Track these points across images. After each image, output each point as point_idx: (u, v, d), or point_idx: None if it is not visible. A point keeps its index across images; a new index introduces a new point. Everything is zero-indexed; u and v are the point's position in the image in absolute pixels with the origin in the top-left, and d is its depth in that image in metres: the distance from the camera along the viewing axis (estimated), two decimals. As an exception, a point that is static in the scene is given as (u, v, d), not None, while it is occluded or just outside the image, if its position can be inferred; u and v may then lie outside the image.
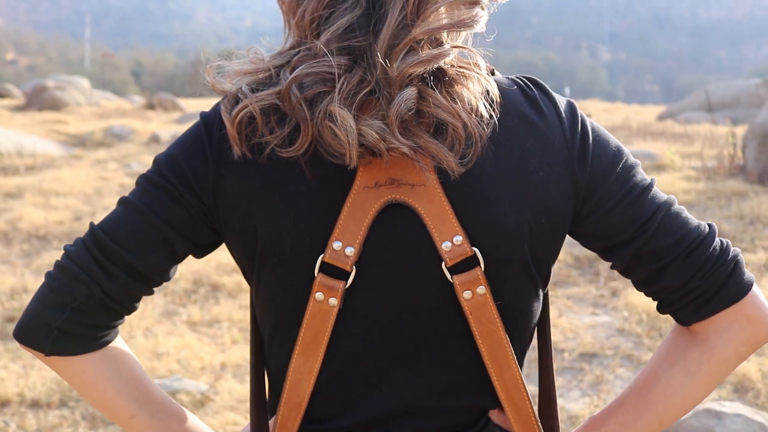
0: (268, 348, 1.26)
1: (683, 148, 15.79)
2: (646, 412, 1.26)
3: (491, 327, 1.15)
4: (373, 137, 1.07)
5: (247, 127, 1.13)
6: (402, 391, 1.18)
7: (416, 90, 1.08)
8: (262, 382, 1.31)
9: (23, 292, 6.67)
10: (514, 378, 1.18)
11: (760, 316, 1.19)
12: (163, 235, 1.18)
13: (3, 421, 4.37)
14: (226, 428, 4.06)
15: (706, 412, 3.78)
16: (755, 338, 1.20)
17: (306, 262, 1.14)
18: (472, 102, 1.10)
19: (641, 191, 1.20)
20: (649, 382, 1.27)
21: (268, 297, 1.20)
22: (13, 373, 4.94)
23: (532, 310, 1.24)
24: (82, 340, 1.19)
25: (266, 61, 1.16)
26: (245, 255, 1.20)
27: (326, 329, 1.15)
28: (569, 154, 1.17)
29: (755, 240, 8.02)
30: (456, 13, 1.12)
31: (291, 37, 1.19)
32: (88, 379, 1.22)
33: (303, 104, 1.08)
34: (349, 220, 1.12)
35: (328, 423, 1.21)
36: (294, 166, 1.12)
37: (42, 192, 11.31)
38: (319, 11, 1.12)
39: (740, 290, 1.18)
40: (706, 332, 1.21)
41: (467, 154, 1.11)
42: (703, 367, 1.21)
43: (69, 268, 1.18)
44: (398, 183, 1.13)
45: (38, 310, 1.19)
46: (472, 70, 1.12)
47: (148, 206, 1.18)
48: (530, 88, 1.21)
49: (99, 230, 1.19)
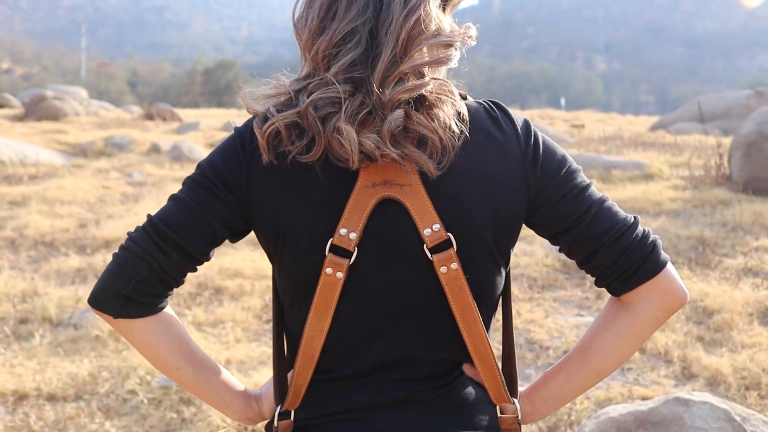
0: (287, 314, 1.57)
1: (672, 158, 16.09)
2: (587, 365, 1.58)
3: (462, 295, 1.47)
4: (370, 146, 1.38)
5: (274, 139, 1.44)
6: (394, 345, 1.50)
7: (403, 111, 1.39)
8: (282, 342, 1.62)
9: (34, 296, 6.96)
10: (480, 336, 1.49)
11: (673, 288, 1.51)
12: (207, 224, 1.49)
13: (23, 413, 4.66)
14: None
15: (676, 400, 4.09)
16: (669, 305, 1.53)
17: (319, 244, 1.45)
18: (447, 121, 1.42)
19: (580, 190, 1.52)
20: (589, 342, 1.59)
21: (289, 272, 1.51)
22: (30, 370, 5.24)
23: (495, 283, 1.55)
24: (143, 307, 1.50)
25: (287, 86, 1.48)
26: (271, 240, 1.51)
27: (334, 297, 1.46)
28: (523, 161, 1.49)
29: (735, 246, 8.34)
30: (435, 53, 1.45)
31: (306, 67, 1.50)
32: (146, 338, 1.53)
33: (317, 121, 1.39)
34: (352, 211, 1.43)
35: (335, 371, 1.52)
36: (310, 169, 1.44)
37: (46, 200, 11.56)
38: (329, 49, 1.44)
39: (656, 267, 1.50)
40: (631, 301, 1.54)
41: (443, 161, 1.42)
42: (629, 329, 1.54)
43: (133, 249, 1.48)
44: (390, 183, 1.44)
45: (109, 282, 1.49)
46: (446, 96, 1.44)
47: (195, 201, 1.49)
48: (493, 110, 1.54)
49: (157, 220, 1.50)
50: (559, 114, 42.13)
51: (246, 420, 1.69)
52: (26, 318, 6.36)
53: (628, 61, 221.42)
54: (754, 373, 5.11)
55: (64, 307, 6.58)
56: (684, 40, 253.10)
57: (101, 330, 5.87)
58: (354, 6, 1.43)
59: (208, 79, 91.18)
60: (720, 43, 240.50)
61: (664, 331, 5.89)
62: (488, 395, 1.57)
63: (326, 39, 1.44)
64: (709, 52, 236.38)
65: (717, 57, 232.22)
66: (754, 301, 6.49)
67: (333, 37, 1.43)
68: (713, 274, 7.40)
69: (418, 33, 1.41)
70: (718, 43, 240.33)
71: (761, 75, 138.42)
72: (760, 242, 8.45)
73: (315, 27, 1.46)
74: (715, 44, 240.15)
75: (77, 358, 5.47)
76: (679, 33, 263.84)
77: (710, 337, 5.82)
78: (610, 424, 4.13)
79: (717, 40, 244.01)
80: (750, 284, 7.03)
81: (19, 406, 4.75)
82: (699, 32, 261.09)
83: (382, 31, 1.42)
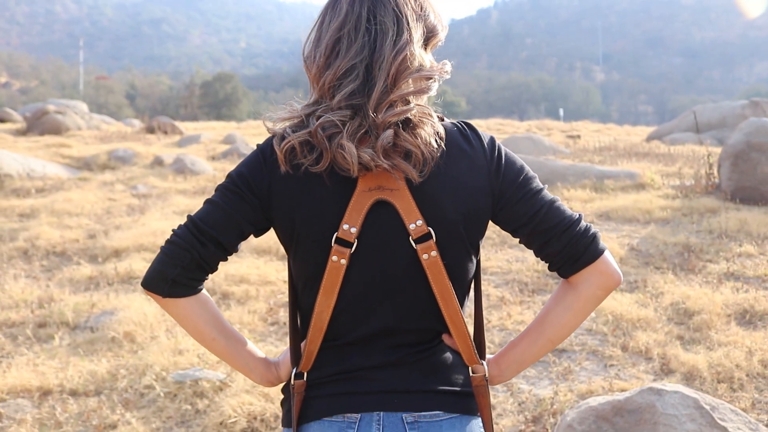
0: (300, 294, 1.92)
1: (665, 168, 16.42)
2: (542, 335, 1.94)
3: (440, 277, 1.82)
4: (366, 159, 1.74)
5: (290, 154, 1.80)
6: (386, 317, 1.85)
7: (393, 131, 1.75)
8: (296, 317, 1.97)
9: (51, 302, 7.34)
10: (455, 310, 1.85)
11: (609, 271, 1.87)
12: (236, 222, 1.85)
13: (49, 406, 5.04)
14: (242, 408, 4.73)
15: (650, 390, 4.44)
16: (607, 285, 1.88)
17: (326, 237, 1.81)
18: (427, 138, 1.78)
19: (534, 194, 1.88)
20: (543, 316, 1.95)
21: (302, 260, 1.87)
22: (52, 368, 5.61)
23: (467, 268, 1.91)
24: (186, 288, 1.86)
25: (299, 111, 1.85)
26: (287, 234, 1.86)
27: (339, 279, 1.82)
28: (489, 170, 1.85)
29: (719, 252, 8.70)
30: (418, 84, 1.82)
31: (315, 95, 1.87)
32: (188, 314, 1.89)
33: (325, 140, 1.75)
34: (353, 210, 1.79)
35: (340, 339, 1.87)
36: (319, 177, 1.79)
37: (55, 212, 11.95)
38: (333, 82, 1.80)
39: (596, 254, 1.86)
40: (576, 282, 1.89)
41: (424, 170, 1.78)
42: (576, 304, 1.90)
43: (178, 243, 1.84)
44: (383, 188, 1.80)
45: (159, 269, 1.85)
46: (427, 118, 1.80)
47: (227, 204, 1.85)
48: (465, 129, 1.90)
49: (197, 219, 1.85)
50: (557, 125, 42.48)
51: (267, 383, 2.04)
52: (44, 322, 6.74)
53: (626, 71, 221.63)
54: (727, 368, 5.46)
55: (80, 311, 6.97)
56: (682, 50, 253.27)
57: (117, 332, 6.25)
58: (353, 47, 1.80)
59: (207, 91, 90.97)
60: (719, 53, 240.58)
61: (645, 331, 6.25)
62: (462, 359, 1.92)
63: (331, 73, 1.81)
64: (708, 62, 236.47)
65: (715, 67, 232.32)
66: (733, 303, 6.84)
67: (336, 72, 1.80)
68: (696, 279, 7.76)
69: (404, 68, 1.78)
70: (717, 53, 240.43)
71: (759, 85, 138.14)
72: (743, 248, 8.80)
73: (322, 63, 1.83)
74: (714, 54, 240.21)
75: (95, 357, 5.85)
76: (677, 43, 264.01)
77: (689, 336, 6.18)
78: (590, 413, 4.49)
79: (715, 50, 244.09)
80: (731, 287, 7.38)
81: (44, 400, 5.12)
82: (698, 42, 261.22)
83: (375, 67, 1.78)
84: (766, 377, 5.37)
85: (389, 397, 1.83)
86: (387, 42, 1.79)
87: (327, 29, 1.84)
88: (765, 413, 4.88)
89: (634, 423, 4.37)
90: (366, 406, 1.82)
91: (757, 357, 5.61)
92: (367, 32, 1.80)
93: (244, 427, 4.62)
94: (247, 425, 4.64)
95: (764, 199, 11.80)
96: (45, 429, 4.70)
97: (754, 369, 5.46)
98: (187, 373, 5.24)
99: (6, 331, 6.56)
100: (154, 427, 4.72)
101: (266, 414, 4.72)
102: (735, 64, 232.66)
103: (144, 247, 9.49)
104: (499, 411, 4.94)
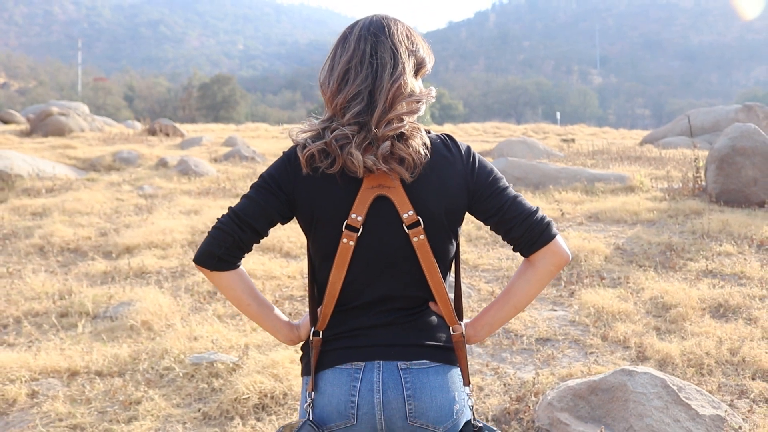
0: (317, 269, 2.41)
1: (655, 171, 16.85)
2: (508, 303, 2.42)
3: (427, 255, 2.31)
4: (370, 164, 2.24)
5: (310, 159, 2.29)
6: (384, 287, 2.34)
7: (390, 142, 2.24)
8: (314, 288, 2.46)
9: (70, 294, 7.85)
10: (439, 282, 2.33)
11: (560, 251, 2.35)
12: (268, 212, 2.34)
13: (78, 384, 5.54)
14: (254, 386, 5.24)
15: (622, 371, 4.94)
16: (558, 262, 2.36)
17: (338, 223, 2.30)
18: (417, 148, 2.27)
19: (501, 191, 2.36)
20: (509, 287, 2.43)
21: (319, 242, 2.35)
22: (78, 352, 6.10)
23: (448, 249, 2.39)
24: (228, 264, 2.34)
25: (316, 125, 2.34)
26: (307, 222, 2.34)
27: (348, 257, 2.31)
28: (465, 172, 2.34)
29: (700, 251, 9.18)
30: (410, 106, 2.31)
31: (329, 112, 2.36)
32: (229, 284, 2.37)
33: (338, 148, 2.24)
34: (359, 203, 2.28)
35: (348, 305, 2.36)
36: (333, 177, 2.28)
37: (66, 211, 12.43)
38: (344, 104, 2.29)
39: (549, 238, 2.34)
40: (534, 260, 2.38)
41: (414, 172, 2.28)
42: (533, 277, 2.38)
43: (223, 228, 2.33)
44: (382, 186, 2.29)
45: (208, 249, 2.33)
46: (417, 132, 2.29)
47: (260, 198, 2.33)
48: (446, 140, 2.38)
49: (238, 210, 2.34)
50: (553, 128, 42.92)
51: (290, 341, 2.53)
52: (66, 312, 7.26)
53: (624, 74, 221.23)
54: (698, 356, 5.93)
55: (99, 302, 7.48)
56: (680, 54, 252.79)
57: (135, 320, 6.77)
58: (359, 76, 2.29)
59: (205, 93, 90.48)
60: (716, 56, 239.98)
61: (625, 322, 6.75)
62: (445, 321, 2.41)
63: (342, 97, 2.30)
64: (706, 65, 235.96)
65: (713, 70, 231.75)
66: (708, 298, 7.33)
67: (346, 96, 2.29)
68: (676, 276, 8.24)
69: (399, 94, 2.28)
70: (715, 57, 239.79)
71: (757, 88, 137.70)
72: (723, 248, 9.27)
73: (334, 89, 2.32)
74: (712, 57, 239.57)
75: (116, 343, 6.36)
76: (675, 46, 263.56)
77: (665, 328, 6.66)
78: (568, 392, 4.99)
79: (713, 54, 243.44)
80: (708, 284, 7.87)
81: (72, 380, 5.63)
82: (695, 45, 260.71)
83: (377, 92, 2.27)
84: (733, 364, 5.82)
85: (387, 349, 2.32)
86: (386, 73, 2.28)
87: (338, 61, 2.33)
88: (729, 395, 5.34)
89: (608, 400, 4.86)
90: (369, 356, 2.32)
91: (726, 345, 6.08)
92: (370, 65, 2.29)
93: (256, 402, 5.13)
94: (259, 401, 5.15)
95: (747, 201, 12.26)
96: (76, 404, 5.20)
97: (723, 356, 5.92)
98: (203, 356, 5.75)
99: (31, 320, 7.07)
100: (175, 402, 5.22)
101: (276, 392, 5.22)
102: (733, 68, 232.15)
103: (154, 244, 9.99)
104: (487, 392, 5.42)
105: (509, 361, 6.06)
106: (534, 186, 14.89)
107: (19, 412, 5.18)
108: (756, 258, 8.89)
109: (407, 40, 2.35)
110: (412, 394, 2.30)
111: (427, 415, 2.31)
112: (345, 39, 2.36)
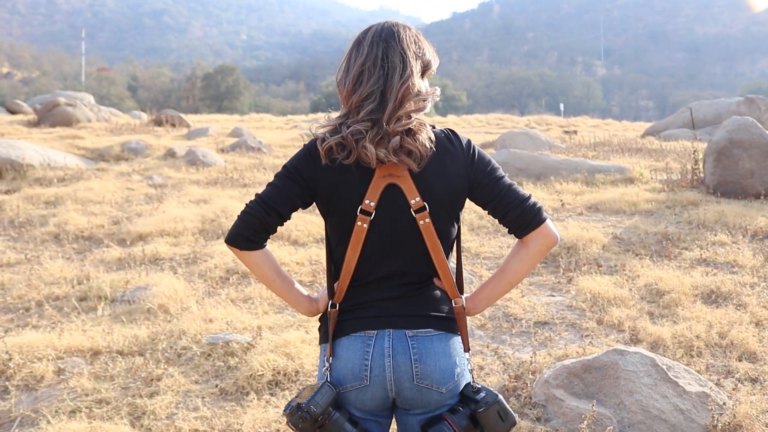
0: (334, 248, 2.69)
1: (655, 163, 17.12)
2: (504, 279, 2.71)
3: (432, 236, 2.60)
4: (382, 156, 2.52)
5: (329, 151, 2.57)
6: (394, 264, 2.63)
7: (400, 137, 2.53)
8: (331, 265, 2.74)
9: (88, 279, 8.17)
10: (442, 259, 2.62)
11: (549, 234, 2.64)
12: (291, 198, 2.62)
13: (101, 362, 5.86)
14: (268, 364, 5.55)
15: (614, 351, 5.24)
16: (548, 243, 2.65)
17: (353, 208, 2.57)
18: (423, 141, 2.55)
19: (498, 179, 2.64)
20: (504, 265, 2.72)
21: (336, 225, 2.64)
22: (99, 333, 6.41)
23: (451, 231, 2.68)
24: (256, 244, 2.63)
25: (333, 121, 2.63)
26: (326, 207, 2.63)
27: (362, 238, 2.59)
28: (466, 163, 2.62)
29: (695, 240, 9.47)
30: (417, 104, 2.59)
31: (344, 109, 2.64)
32: (257, 261, 2.65)
33: (353, 142, 2.52)
34: (372, 190, 2.56)
35: (362, 280, 2.64)
36: (349, 168, 2.56)
37: (78, 200, 12.73)
38: (359, 102, 2.57)
39: (540, 221, 2.62)
40: (526, 241, 2.66)
41: (421, 163, 2.56)
42: (526, 257, 2.67)
43: (251, 212, 2.61)
44: (393, 175, 2.57)
45: (238, 231, 2.61)
46: (423, 127, 2.57)
47: (284, 186, 2.61)
48: (449, 134, 2.67)
49: (264, 196, 2.62)
50: (556, 120, 42.96)
51: (309, 313, 2.82)
52: (85, 296, 7.58)
53: (628, 66, 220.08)
54: (688, 338, 6.23)
55: (116, 287, 7.80)
56: (685, 45, 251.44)
57: (152, 304, 7.08)
58: (372, 78, 2.57)
59: (209, 83, 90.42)
60: (721, 48, 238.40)
61: (620, 307, 7.05)
62: (447, 295, 2.70)
63: (356, 96, 2.58)
64: (710, 57, 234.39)
65: (718, 62, 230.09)
66: (701, 285, 7.63)
67: (360, 95, 2.58)
68: (671, 264, 8.53)
69: (408, 93, 2.56)
70: (719, 48, 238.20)
71: (762, 80, 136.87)
72: (717, 237, 9.57)
73: (350, 89, 2.61)
74: (716, 49, 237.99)
75: (135, 325, 6.68)
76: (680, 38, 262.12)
77: (659, 312, 6.96)
78: (563, 371, 5.29)
79: (718, 45, 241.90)
80: (701, 271, 8.17)
81: (95, 359, 5.95)
82: (700, 37, 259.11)
83: (388, 92, 2.56)
84: (721, 346, 6.12)
85: (396, 319, 2.61)
86: (396, 75, 2.56)
87: (353, 64, 2.61)
88: (716, 374, 5.63)
89: (600, 378, 5.16)
90: (380, 325, 2.61)
91: (716, 329, 6.38)
92: (382, 68, 2.57)
93: (270, 379, 5.45)
94: (272, 378, 5.46)
95: (744, 192, 12.55)
96: (100, 381, 5.52)
97: (712, 339, 6.22)
98: (219, 336, 6.06)
99: (52, 304, 7.39)
100: (193, 379, 5.54)
101: (288, 369, 5.54)
102: (737, 60, 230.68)
103: (166, 232, 10.30)
104: (487, 371, 5.71)
105: (509, 343, 6.36)
106: (535, 177, 15.12)
107: (47, 388, 5.49)
108: (749, 247, 9.17)
109: (415, 45, 2.63)
110: (418, 358, 2.58)
111: (431, 377, 2.59)
112: (359, 44, 2.64)
